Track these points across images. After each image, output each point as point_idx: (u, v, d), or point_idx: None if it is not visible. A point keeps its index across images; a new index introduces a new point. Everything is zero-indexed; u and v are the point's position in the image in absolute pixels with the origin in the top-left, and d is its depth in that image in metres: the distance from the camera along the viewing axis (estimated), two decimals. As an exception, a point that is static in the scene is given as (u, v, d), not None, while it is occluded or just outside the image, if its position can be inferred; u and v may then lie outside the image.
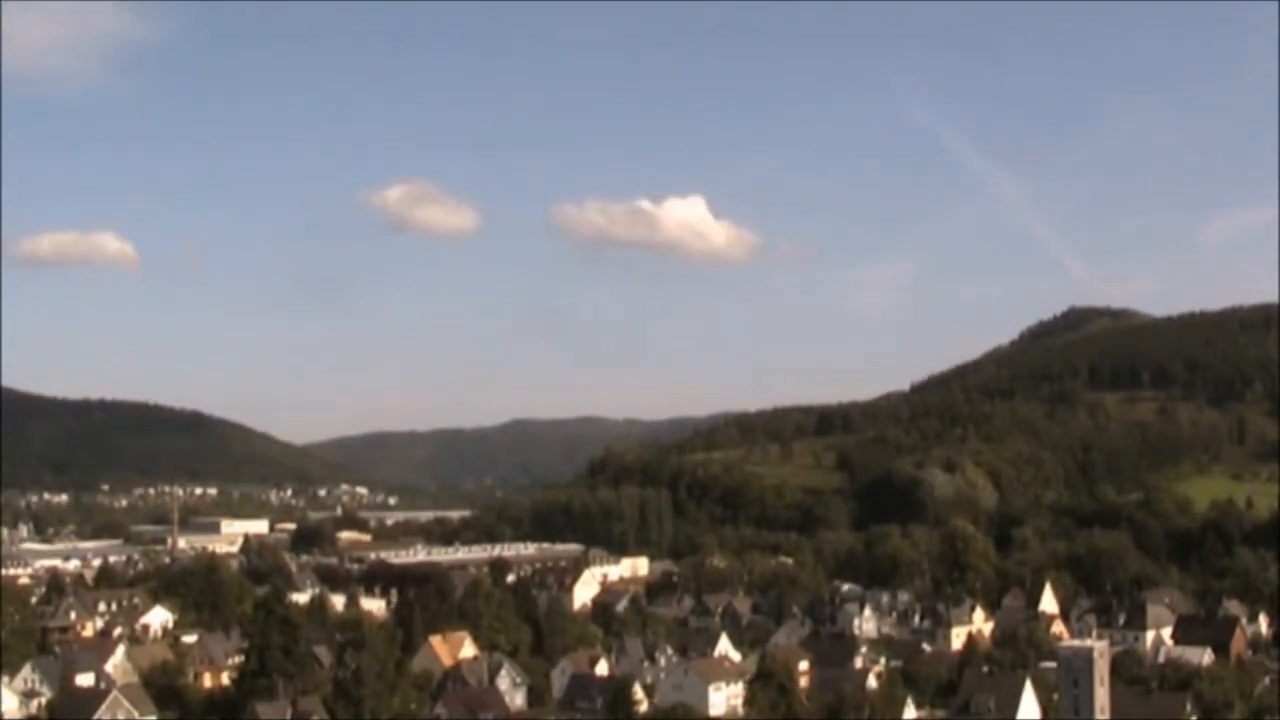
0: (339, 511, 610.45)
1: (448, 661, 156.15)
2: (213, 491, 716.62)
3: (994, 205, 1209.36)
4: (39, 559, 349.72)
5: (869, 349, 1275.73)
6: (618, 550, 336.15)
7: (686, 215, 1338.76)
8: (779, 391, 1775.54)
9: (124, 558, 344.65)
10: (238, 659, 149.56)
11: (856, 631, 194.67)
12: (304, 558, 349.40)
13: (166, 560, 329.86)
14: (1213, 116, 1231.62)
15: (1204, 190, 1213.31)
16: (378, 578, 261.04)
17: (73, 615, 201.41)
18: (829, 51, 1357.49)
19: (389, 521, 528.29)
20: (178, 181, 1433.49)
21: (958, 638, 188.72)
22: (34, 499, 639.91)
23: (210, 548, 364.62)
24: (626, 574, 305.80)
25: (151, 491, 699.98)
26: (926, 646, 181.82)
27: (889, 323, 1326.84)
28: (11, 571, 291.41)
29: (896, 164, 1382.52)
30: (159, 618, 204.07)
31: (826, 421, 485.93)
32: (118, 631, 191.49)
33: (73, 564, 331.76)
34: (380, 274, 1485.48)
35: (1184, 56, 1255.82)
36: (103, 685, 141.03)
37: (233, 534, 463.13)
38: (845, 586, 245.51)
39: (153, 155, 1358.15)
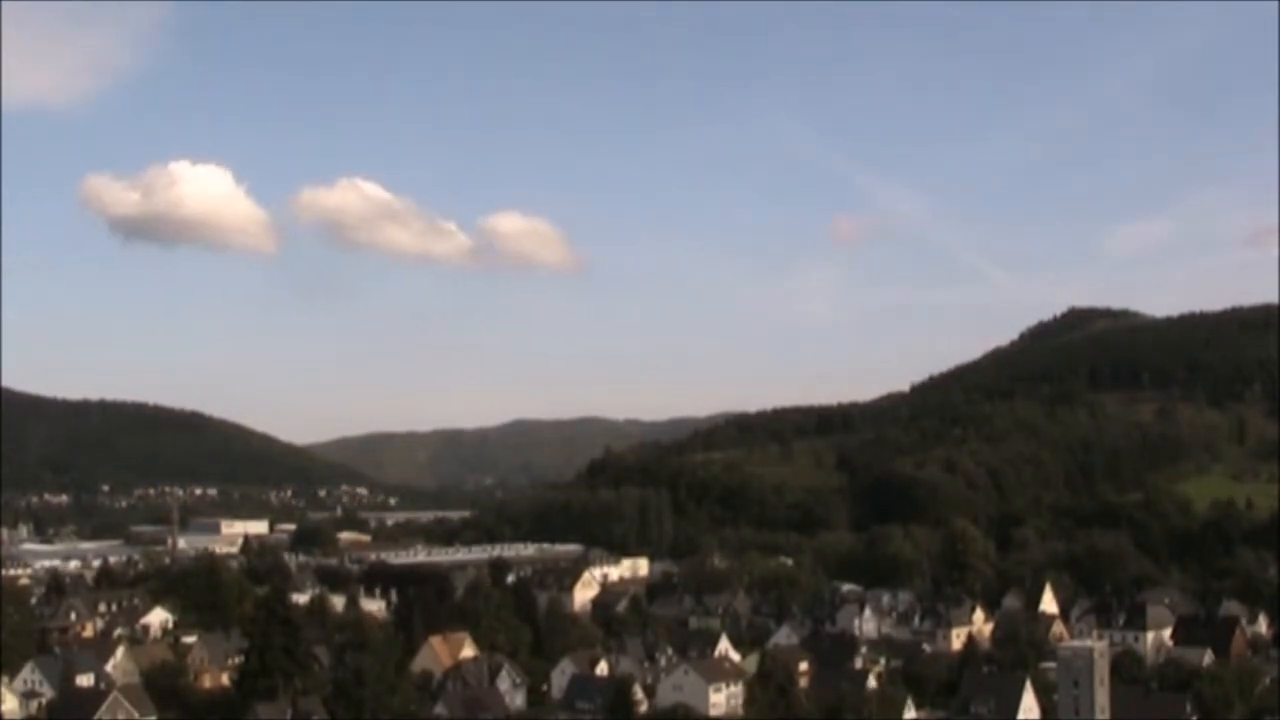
0: (339, 512, 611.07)
1: (448, 662, 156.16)
2: (213, 492, 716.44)
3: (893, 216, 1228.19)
4: (39, 559, 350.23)
5: (811, 354, 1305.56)
6: (618, 550, 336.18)
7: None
8: (779, 392, 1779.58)
9: (124, 558, 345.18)
10: (238, 659, 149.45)
11: (856, 631, 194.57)
12: (304, 558, 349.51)
13: (166, 561, 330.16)
14: (1102, 124, 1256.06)
15: (1105, 199, 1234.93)
16: (378, 578, 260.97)
17: (73, 615, 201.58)
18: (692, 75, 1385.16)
19: (389, 522, 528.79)
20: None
21: (958, 638, 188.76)
22: (34, 499, 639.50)
23: (210, 548, 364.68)
24: (626, 574, 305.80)
25: (151, 491, 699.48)
26: (926, 646, 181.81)
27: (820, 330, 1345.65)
28: (11, 572, 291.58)
29: (773, 178, 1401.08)
30: (159, 618, 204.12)
31: (826, 422, 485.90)
32: (118, 632, 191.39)
33: (73, 564, 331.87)
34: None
35: (1063, 60, 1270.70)
36: (103, 686, 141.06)
37: (233, 534, 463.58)
38: (845, 586, 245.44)
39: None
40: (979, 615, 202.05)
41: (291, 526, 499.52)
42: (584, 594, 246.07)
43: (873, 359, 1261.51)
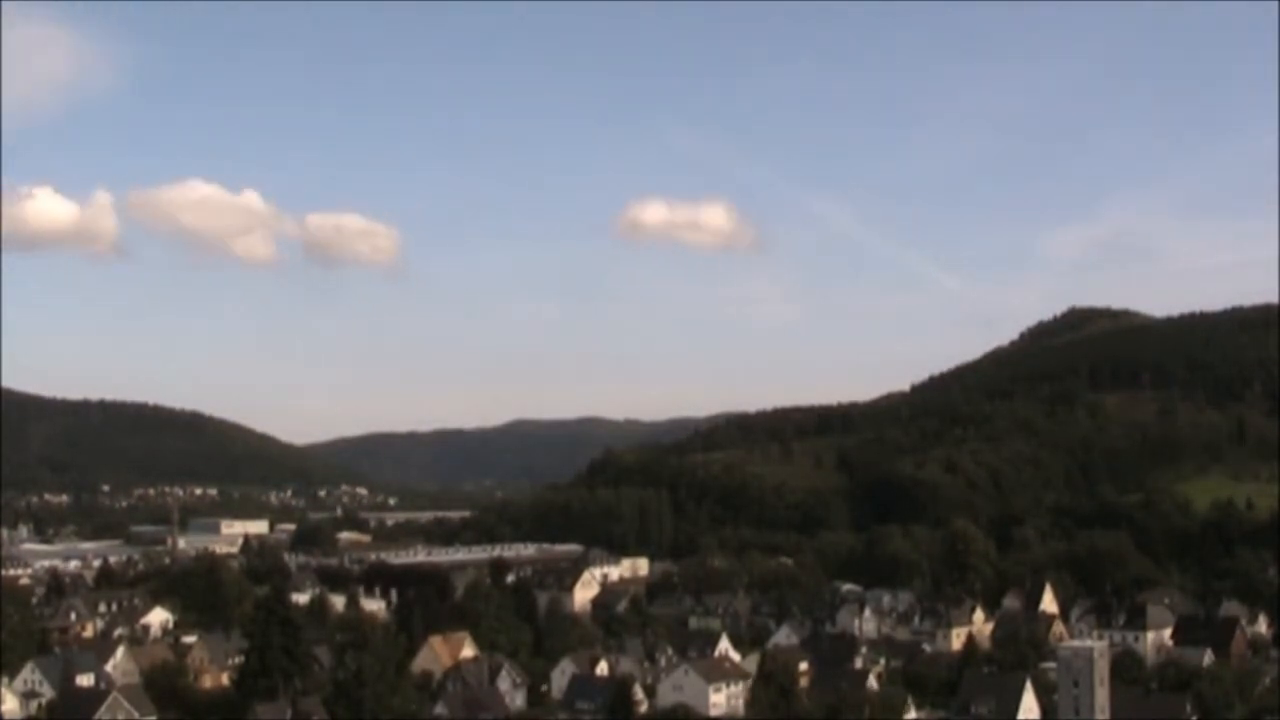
0: (339, 512, 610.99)
1: (448, 662, 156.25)
2: (213, 492, 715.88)
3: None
4: (39, 559, 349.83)
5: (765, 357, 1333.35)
6: (618, 550, 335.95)
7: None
8: (779, 392, 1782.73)
9: (124, 558, 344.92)
10: (238, 659, 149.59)
11: (856, 632, 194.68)
12: (304, 558, 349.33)
13: (167, 561, 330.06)
14: (1019, 130, 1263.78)
15: (1033, 205, 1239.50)
16: (378, 578, 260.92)
17: (73, 615, 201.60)
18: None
19: (389, 522, 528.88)
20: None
21: (958, 638, 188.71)
22: (34, 499, 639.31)
23: (210, 548, 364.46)
24: (626, 574, 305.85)
25: (151, 491, 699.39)
26: (926, 647, 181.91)
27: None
28: (12, 572, 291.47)
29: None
30: (159, 618, 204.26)
31: (826, 422, 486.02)
32: (118, 632, 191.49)
33: (73, 564, 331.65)
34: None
35: (980, 65, 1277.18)
36: (103, 686, 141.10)
37: (233, 534, 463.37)
38: (845, 586, 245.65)
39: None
40: (979, 615, 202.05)
41: (291, 526, 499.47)
42: (584, 594, 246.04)
43: (827, 361, 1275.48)
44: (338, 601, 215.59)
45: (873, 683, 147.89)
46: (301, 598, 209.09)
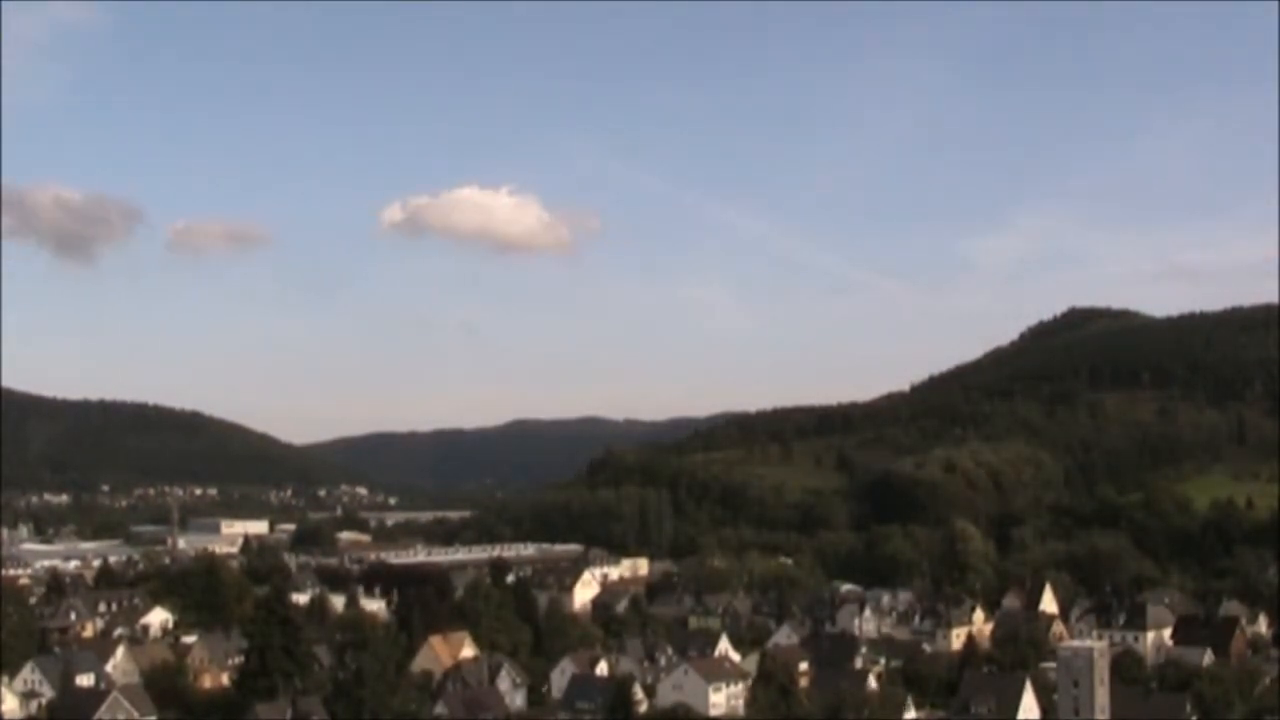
0: (339, 512, 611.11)
1: (448, 662, 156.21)
2: (213, 491, 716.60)
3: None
4: (39, 559, 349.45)
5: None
6: (618, 550, 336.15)
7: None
8: (779, 392, 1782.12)
9: (124, 558, 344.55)
10: (238, 659, 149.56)
11: (856, 631, 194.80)
12: (304, 558, 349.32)
13: (166, 560, 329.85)
14: (935, 140, 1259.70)
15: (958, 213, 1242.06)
16: (378, 578, 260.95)
17: (73, 615, 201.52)
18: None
19: (389, 522, 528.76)
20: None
21: (958, 638, 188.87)
22: (34, 499, 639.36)
23: (210, 548, 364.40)
24: (626, 574, 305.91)
25: (151, 491, 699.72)
26: (926, 646, 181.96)
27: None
28: (11, 571, 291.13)
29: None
30: (159, 618, 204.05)
31: (826, 422, 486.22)
32: (118, 632, 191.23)
33: (73, 564, 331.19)
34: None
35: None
36: (103, 686, 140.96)
37: (233, 534, 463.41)
38: (845, 586, 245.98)
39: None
40: (979, 615, 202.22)
41: (291, 526, 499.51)
42: (584, 594, 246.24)
43: (804, 364, 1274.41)
44: (338, 601, 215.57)
45: (873, 683, 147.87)
46: (301, 598, 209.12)
